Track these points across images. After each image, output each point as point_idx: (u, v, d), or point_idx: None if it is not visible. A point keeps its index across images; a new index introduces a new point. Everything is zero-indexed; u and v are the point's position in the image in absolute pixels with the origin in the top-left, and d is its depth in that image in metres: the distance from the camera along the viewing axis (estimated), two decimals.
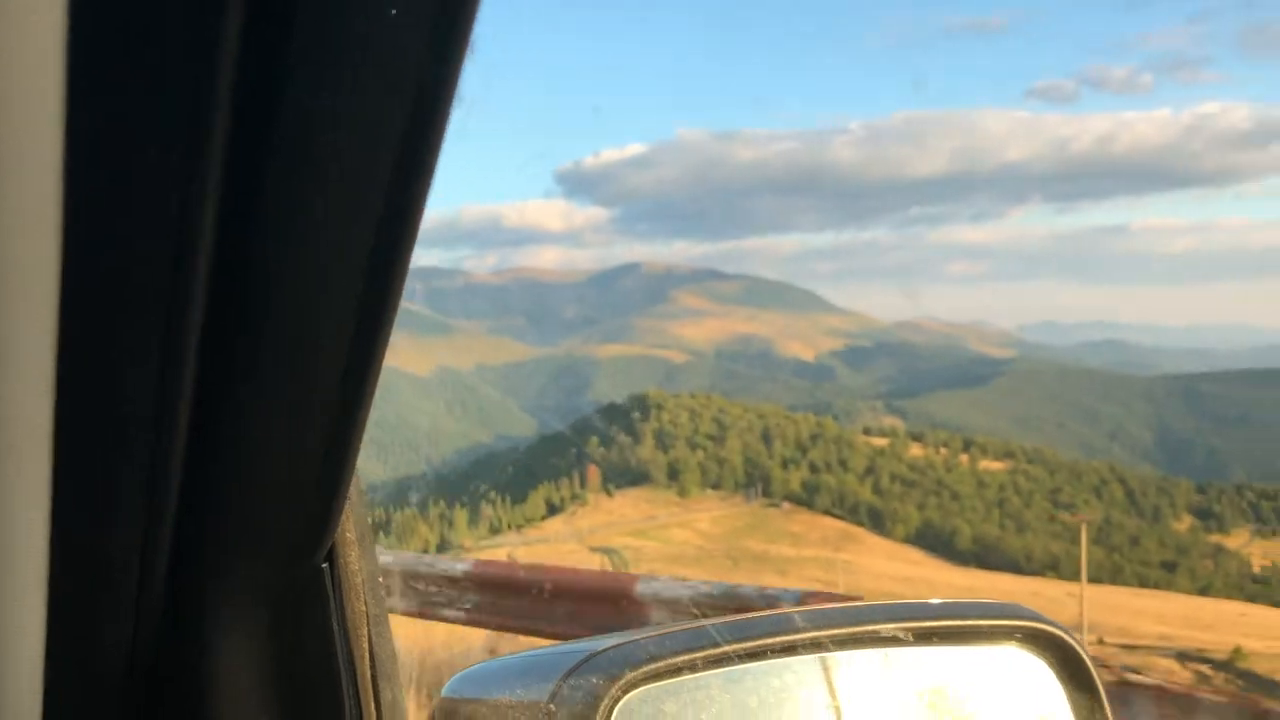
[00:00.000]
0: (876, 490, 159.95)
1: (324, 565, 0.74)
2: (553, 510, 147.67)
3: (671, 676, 0.93)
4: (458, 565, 6.01)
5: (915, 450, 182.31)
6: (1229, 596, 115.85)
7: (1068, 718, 1.04)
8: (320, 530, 0.71)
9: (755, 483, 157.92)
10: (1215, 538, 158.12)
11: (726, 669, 0.96)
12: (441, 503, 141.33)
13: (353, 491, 0.73)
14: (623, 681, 0.88)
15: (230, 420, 0.63)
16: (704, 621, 0.95)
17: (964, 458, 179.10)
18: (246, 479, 0.66)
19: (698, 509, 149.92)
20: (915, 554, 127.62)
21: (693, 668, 0.94)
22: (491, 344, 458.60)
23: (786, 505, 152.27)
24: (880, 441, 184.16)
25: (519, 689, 0.91)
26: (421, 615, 5.91)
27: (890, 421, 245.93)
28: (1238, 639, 61.69)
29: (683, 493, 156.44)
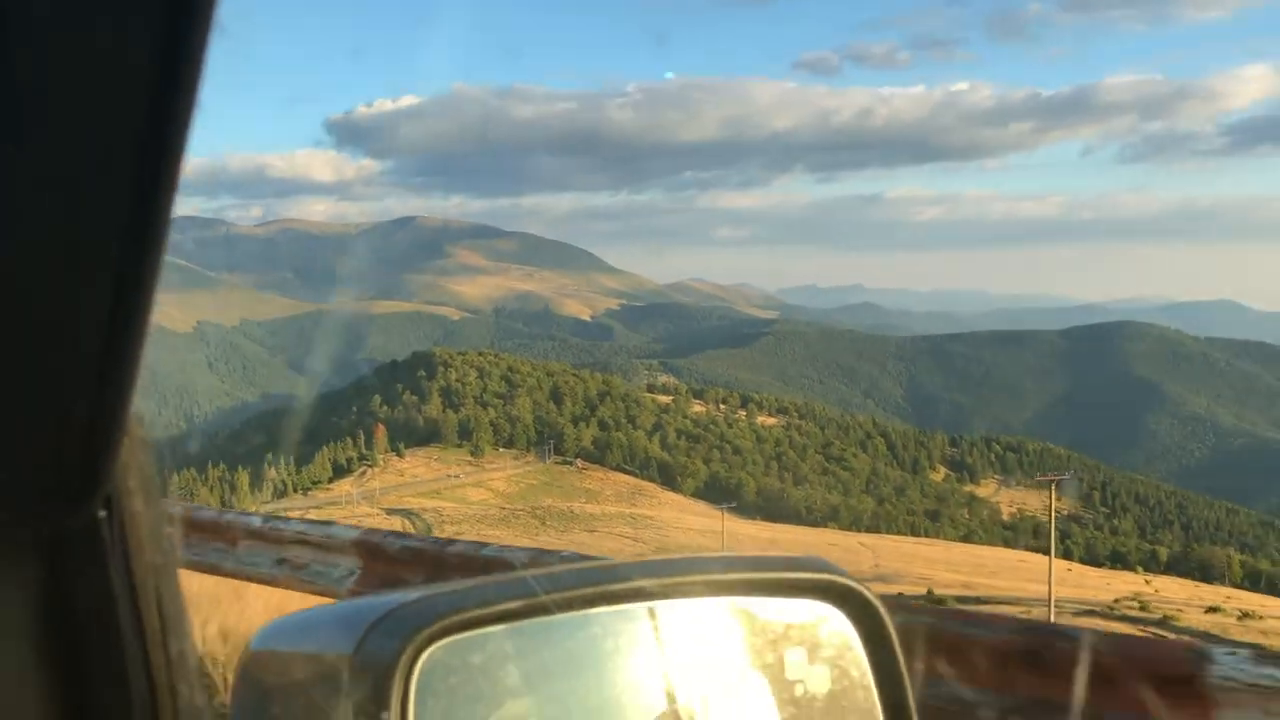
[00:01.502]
0: (664, 446, 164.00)
1: (102, 514, 0.69)
2: (340, 471, 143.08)
3: (480, 627, 0.92)
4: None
5: (697, 407, 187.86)
6: (989, 543, 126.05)
7: (865, 669, 1.08)
8: (95, 475, 0.66)
9: (548, 440, 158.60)
10: (969, 488, 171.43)
11: (538, 620, 0.95)
12: (222, 465, 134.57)
13: (134, 436, 0.69)
14: (429, 632, 0.87)
15: None
16: (519, 573, 0.95)
17: (742, 413, 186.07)
18: (7, 418, 0.61)
19: (492, 468, 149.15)
20: (703, 507, 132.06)
21: (504, 618, 0.93)
22: (257, 299, 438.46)
23: (580, 463, 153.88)
24: (665, 399, 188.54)
25: (325, 641, 0.90)
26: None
27: (665, 379, 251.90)
28: (1036, 586, 67.16)
29: (476, 452, 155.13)
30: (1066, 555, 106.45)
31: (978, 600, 58.83)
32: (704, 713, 1.04)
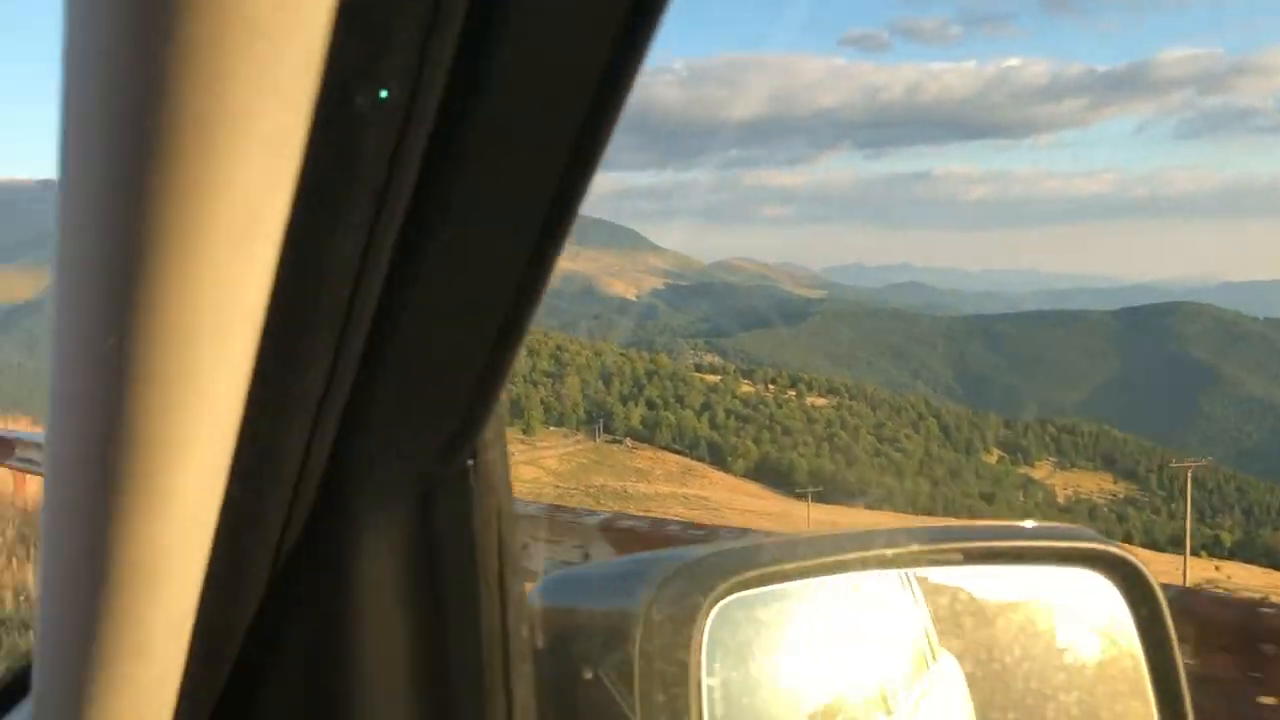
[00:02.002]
0: (714, 425, 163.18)
1: (469, 462, 0.75)
2: None
3: (761, 585, 0.96)
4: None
5: (746, 387, 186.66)
6: None
7: (1134, 638, 1.09)
8: (475, 427, 0.72)
9: (597, 419, 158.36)
10: (1023, 470, 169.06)
11: (812, 580, 0.99)
12: None
13: None
14: (718, 590, 0.90)
15: (409, 312, 0.64)
16: (790, 535, 0.90)
17: (792, 393, 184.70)
18: (416, 374, 0.67)
19: (543, 446, 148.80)
20: (755, 488, 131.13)
21: (782, 578, 0.98)
22: None
23: (630, 442, 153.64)
24: (713, 378, 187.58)
25: (614, 596, 0.94)
26: None
27: (711, 359, 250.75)
28: None
29: (527, 430, 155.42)
30: (1127, 539, 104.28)
31: None
32: (972, 676, 1.07)
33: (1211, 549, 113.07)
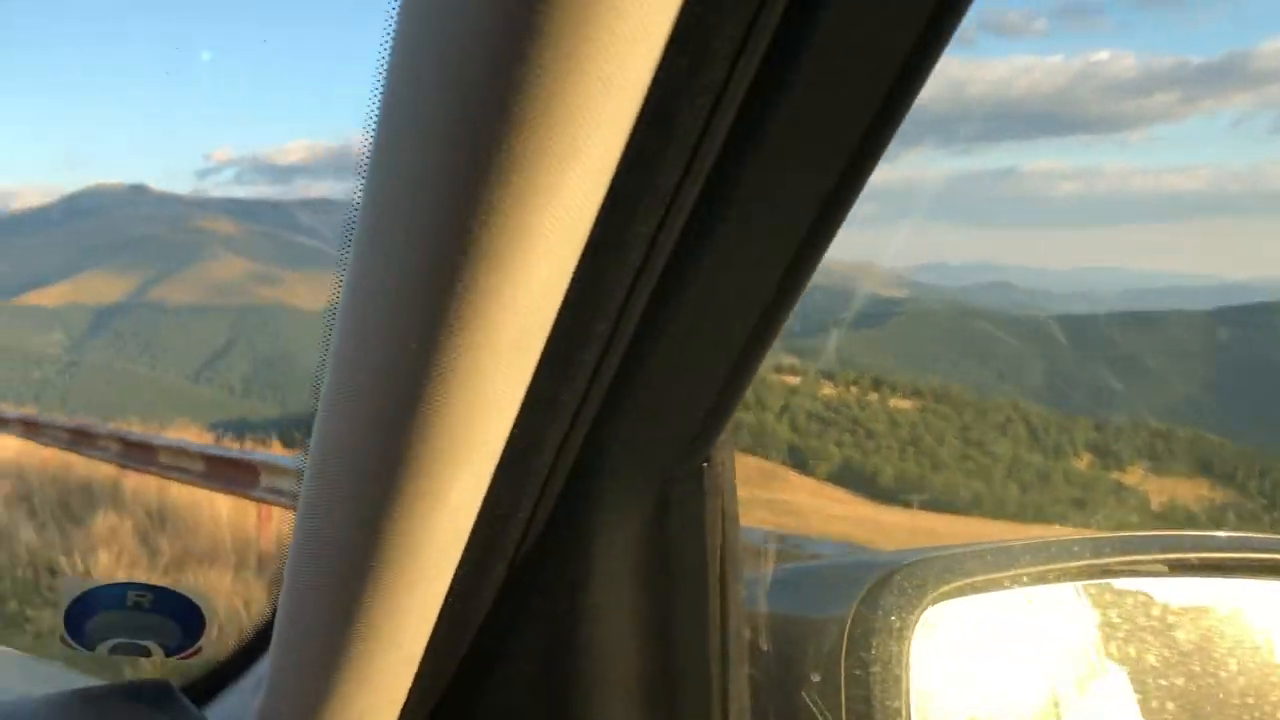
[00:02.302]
0: (794, 428, 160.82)
1: (704, 464, 0.75)
2: None
3: (974, 593, 0.92)
4: None
5: (827, 389, 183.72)
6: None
7: None
8: (716, 427, 0.72)
9: None
10: (1115, 475, 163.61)
11: (1030, 588, 0.94)
12: None
13: None
14: (926, 598, 0.88)
15: (671, 319, 0.64)
16: (1005, 541, 0.94)
17: (874, 396, 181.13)
18: (667, 378, 0.67)
19: None
20: (839, 492, 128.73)
21: (997, 586, 0.93)
22: None
23: None
24: (792, 379, 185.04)
25: (821, 601, 0.93)
26: None
27: (790, 360, 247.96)
28: None
29: None
30: None
31: None
32: (1174, 689, 1.01)
33: None
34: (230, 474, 9.31)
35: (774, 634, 0.91)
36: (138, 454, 10.90)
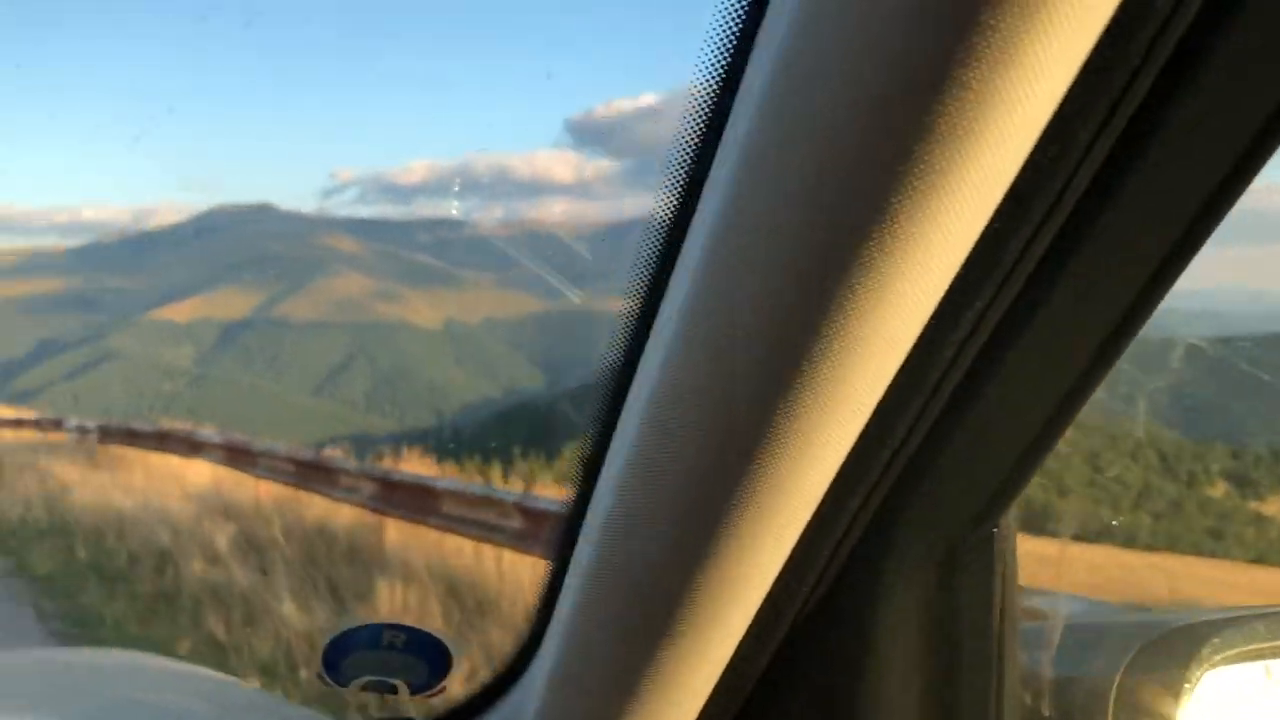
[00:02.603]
0: None
1: (994, 530, 0.73)
2: None
3: (1244, 661, 0.87)
4: None
5: None
6: None
7: None
8: (1013, 494, 0.71)
9: None
10: (1253, 505, 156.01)
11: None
12: (477, 457, 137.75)
13: None
14: (1205, 661, 0.84)
15: (983, 383, 0.62)
16: (1273, 607, 0.90)
17: None
18: (976, 444, 0.66)
19: None
20: None
21: (1273, 655, 0.88)
22: (499, 296, 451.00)
23: None
24: None
25: (1084, 662, 0.89)
26: None
27: None
28: None
29: None
30: None
31: None
32: None
33: None
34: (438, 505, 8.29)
35: (1040, 694, 0.88)
36: (383, 492, 9.01)
